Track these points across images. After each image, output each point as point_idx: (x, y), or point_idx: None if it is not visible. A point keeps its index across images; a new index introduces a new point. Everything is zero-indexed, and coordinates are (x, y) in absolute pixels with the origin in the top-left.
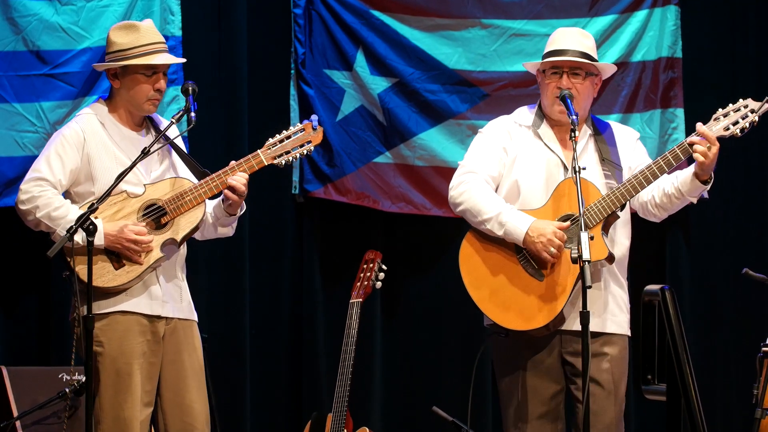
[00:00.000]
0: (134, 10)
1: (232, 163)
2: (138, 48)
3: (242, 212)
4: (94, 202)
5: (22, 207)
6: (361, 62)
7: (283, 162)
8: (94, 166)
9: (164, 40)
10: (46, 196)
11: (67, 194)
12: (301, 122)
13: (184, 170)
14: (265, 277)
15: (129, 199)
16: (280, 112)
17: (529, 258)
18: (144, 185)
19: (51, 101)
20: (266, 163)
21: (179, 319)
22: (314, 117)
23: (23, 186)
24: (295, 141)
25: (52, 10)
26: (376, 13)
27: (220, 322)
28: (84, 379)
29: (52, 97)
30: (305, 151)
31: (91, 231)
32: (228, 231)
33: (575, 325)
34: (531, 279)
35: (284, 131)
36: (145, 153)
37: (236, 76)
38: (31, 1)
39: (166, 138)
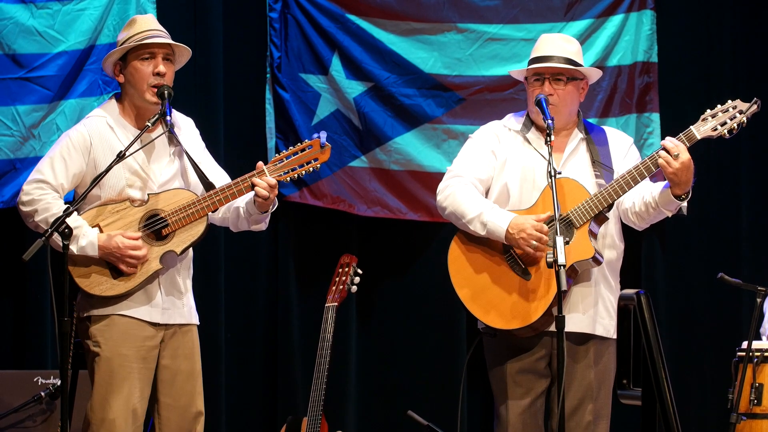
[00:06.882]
0: (110, 13)
1: (237, 179)
2: (133, 37)
3: (275, 208)
4: (70, 206)
5: (23, 208)
6: (336, 66)
7: (288, 179)
8: (100, 171)
9: (163, 29)
10: (45, 201)
11: (75, 195)
12: (276, 127)
13: (194, 177)
14: (240, 281)
15: (131, 208)
16: (255, 116)
17: (516, 258)
18: (148, 194)
19: (27, 105)
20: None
21: (179, 324)
22: (323, 134)
23: (25, 187)
24: (302, 158)
25: (27, 14)
26: (352, 17)
27: None
28: (59, 382)
29: (28, 101)
30: (311, 169)
31: (66, 234)
32: (261, 226)
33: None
34: (518, 279)
35: (290, 147)
36: (120, 157)
37: (212, 80)
38: (6, 4)
39: (180, 145)
